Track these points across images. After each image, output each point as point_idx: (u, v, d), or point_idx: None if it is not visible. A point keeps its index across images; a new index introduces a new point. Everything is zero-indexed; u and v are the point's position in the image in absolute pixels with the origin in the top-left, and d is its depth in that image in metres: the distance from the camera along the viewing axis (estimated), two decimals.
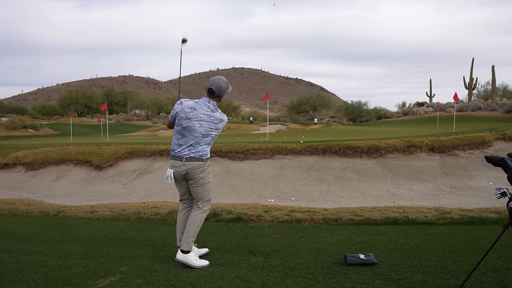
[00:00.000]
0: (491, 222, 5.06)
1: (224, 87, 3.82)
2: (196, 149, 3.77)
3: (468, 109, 38.45)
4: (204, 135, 3.77)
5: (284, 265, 3.76)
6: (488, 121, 29.44)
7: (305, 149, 10.97)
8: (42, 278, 3.56)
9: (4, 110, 73.66)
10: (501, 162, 2.83)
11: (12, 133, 39.18)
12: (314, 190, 9.01)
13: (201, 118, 3.75)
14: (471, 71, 44.32)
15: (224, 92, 3.85)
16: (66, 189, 10.62)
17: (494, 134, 11.23)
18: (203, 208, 3.90)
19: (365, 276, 3.41)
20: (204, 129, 3.75)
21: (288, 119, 60.82)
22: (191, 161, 3.76)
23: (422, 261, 3.76)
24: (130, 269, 3.72)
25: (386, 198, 8.19)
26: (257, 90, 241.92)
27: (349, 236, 4.70)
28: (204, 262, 3.80)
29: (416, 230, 4.88)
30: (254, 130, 42.19)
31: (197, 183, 3.82)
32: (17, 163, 12.83)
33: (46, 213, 6.60)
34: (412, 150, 10.51)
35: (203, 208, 3.91)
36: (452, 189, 8.66)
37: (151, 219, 5.85)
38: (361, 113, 58.81)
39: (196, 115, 3.74)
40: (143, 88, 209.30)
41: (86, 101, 76.56)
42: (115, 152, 12.23)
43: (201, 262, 3.77)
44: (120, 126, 51.17)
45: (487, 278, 3.30)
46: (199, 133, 3.74)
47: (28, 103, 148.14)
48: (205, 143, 3.80)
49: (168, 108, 68.31)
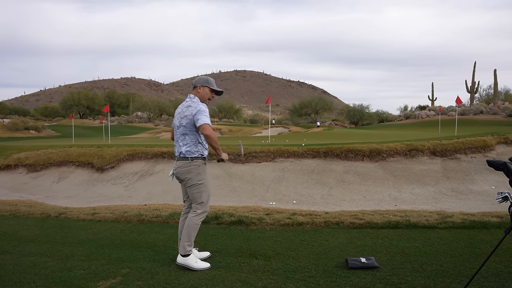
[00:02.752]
0: (492, 226, 5.04)
1: (202, 79, 3.87)
2: (179, 147, 3.80)
3: (470, 113, 38.40)
4: (178, 126, 3.82)
5: (285, 268, 3.75)
6: (490, 125, 29.39)
7: (307, 152, 10.97)
8: (43, 280, 3.56)
9: (6, 112, 73.80)
10: (503, 166, 2.82)
11: (14, 135, 39.30)
12: (316, 193, 9.00)
13: (177, 112, 3.90)
14: (473, 75, 44.29)
15: (199, 83, 3.85)
16: (67, 190, 10.64)
17: (496, 138, 11.22)
18: (196, 211, 3.82)
19: (366, 280, 3.40)
20: (178, 121, 3.84)
21: (290, 122, 60.80)
22: (179, 160, 3.81)
23: (424, 265, 3.75)
24: (131, 272, 3.72)
25: (388, 201, 8.18)
26: (259, 92, 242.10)
27: (351, 239, 4.69)
28: (204, 264, 3.78)
29: (418, 234, 4.86)
30: (256, 133, 42.18)
31: (186, 184, 3.82)
32: (19, 165, 12.85)
33: (48, 215, 6.61)
34: (414, 153, 10.50)
35: (197, 211, 3.82)
36: (454, 193, 8.64)
37: (152, 222, 5.85)
38: (363, 117, 58.73)
39: (176, 112, 3.92)
40: (145, 90, 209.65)
41: (88, 103, 76.66)
42: (116, 154, 12.25)
43: (201, 265, 3.76)
44: (122, 128, 51.25)
45: (489, 282, 3.29)
46: (176, 127, 3.86)
47: (30, 105, 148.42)
48: (183, 137, 3.76)
49: (170, 110, 68.40)
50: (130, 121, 63.06)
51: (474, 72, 44.28)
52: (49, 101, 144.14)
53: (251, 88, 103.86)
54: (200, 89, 3.83)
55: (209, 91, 3.86)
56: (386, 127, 40.04)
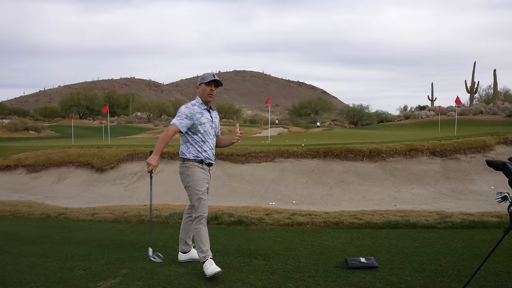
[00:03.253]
0: (492, 226, 5.06)
1: (199, 78, 3.79)
2: None
3: (470, 113, 38.41)
4: None
5: (285, 268, 3.76)
6: (490, 125, 29.39)
7: (307, 152, 10.97)
8: (43, 280, 3.57)
9: (6, 112, 73.74)
10: (502, 166, 2.83)
11: (13, 135, 39.26)
12: (315, 193, 9.01)
13: None
14: (472, 75, 44.31)
15: (197, 84, 3.80)
16: (67, 191, 10.64)
17: (495, 138, 11.23)
18: (192, 215, 3.71)
19: (366, 280, 3.41)
20: None
21: (290, 122, 60.81)
22: None
23: (423, 264, 3.76)
24: (131, 272, 3.73)
25: (387, 201, 8.18)
26: (258, 93, 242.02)
27: (350, 239, 4.70)
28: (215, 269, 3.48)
29: (417, 234, 4.87)
30: (255, 133, 42.19)
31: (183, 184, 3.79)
32: (18, 165, 12.85)
33: (47, 215, 6.61)
34: (414, 153, 10.50)
35: (192, 214, 3.69)
36: (453, 193, 8.65)
37: (152, 222, 5.85)
38: (362, 117, 58.78)
39: None
40: (144, 90, 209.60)
41: (87, 103, 76.65)
42: (116, 155, 12.25)
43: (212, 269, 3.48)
44: (122, 128, 51.21)
45: (488, 282, 3.30)
46: None
47: (29, 105, 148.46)
48: (180, 138, 3.74)
49: (169, 110, 68.34)
50: (130, 121, 63.02)
51: (473, 72, 44.31)
52: (49, 102, 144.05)
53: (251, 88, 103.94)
54: (198, 88, 3.78)
55: (205, 86, 3.70)
56: (385, 127, 40.05)
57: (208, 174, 3.76)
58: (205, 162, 3.70)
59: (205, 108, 3.75)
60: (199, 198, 3.62)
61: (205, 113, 3.73)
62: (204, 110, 3.74)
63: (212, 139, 3.78)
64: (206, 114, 3.73)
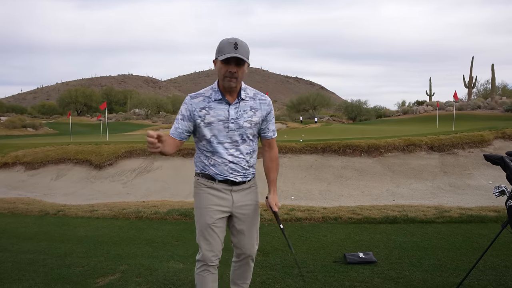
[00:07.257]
0: (490, 221, 5.07)
1: (219, 45, 2.30)
2: None
3: (468, 108, 38.43)
4: None
5: (284, 263, 3.76)
6: (488, 119, 29.42)
7: (305, 148, 10.97)
8: (42, 277, 3.57)
9: (4, 109, 73.48)
10: (500, 160, 2.83)
11: (11, 132, 39.13)
12: (314, 188, 9.02)
13: None
14: (470, 70, 44.29)
15: (216, 54, 2.29)
16: (65, 188, 10.62)
17: (493, 132, 11.24)
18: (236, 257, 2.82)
19: (364, 275, 3.42)
20: None
21: (288, 118, 60.76)
22: None
23: (421, 259, 3.77)
24: (130, 268, 3.73)
25: (386, 196, 8.20)
26: (257, 88, 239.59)
27: (349, 234, 4.71)
28: None
29: (415, 228, 4.89)
30: None
31: None
32: (16, 162, 12.81)
33: (46, 212, 6.61)
34: (412, 148, 10.51)
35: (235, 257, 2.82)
36: (451, 187, 8.67)
37: (150, 218, 5.86)
38: (360, 112, 58.78)
39: None
40: (142, 87, 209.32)
41: (85, 100, 76.48)
42: (114, 151, 12.22)
43: None
44: (120, 125, 51.10)
45: (486, 276, 3.31)
46: None
47: (27, 102, 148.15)
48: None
49: (167, 107, 68.21)
50: (128, 118, 62.88)
51: (471, 67, 44.27)
52: (47, 99, 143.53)
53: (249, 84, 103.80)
54: (215, 64, 2.35)
55: (221, 65, 2.27)
56: (384, 122, 40.05)
57: (228, 196, 2.48)
58: (217, 179, 2.46)
59: (219, 99, 2.36)
60: (199, 236, 2.51)
61: (217, 106, 2.36)
62: (218, 102, 2.36)
63: (231, 147, 2.42)
64: (218, 109, 2.36)
